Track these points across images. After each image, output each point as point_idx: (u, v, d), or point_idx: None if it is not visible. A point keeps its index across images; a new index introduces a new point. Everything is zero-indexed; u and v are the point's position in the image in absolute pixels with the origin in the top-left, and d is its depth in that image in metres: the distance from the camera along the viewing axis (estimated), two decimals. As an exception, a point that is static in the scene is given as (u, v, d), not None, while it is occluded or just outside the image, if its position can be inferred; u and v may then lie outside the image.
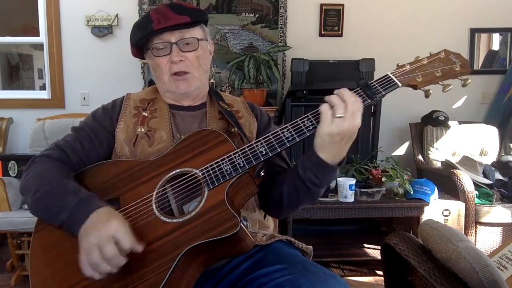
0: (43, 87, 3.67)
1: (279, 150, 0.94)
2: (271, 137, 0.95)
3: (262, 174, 0.98)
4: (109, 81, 3.25)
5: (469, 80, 0.97)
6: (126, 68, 3.26)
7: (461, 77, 0.98)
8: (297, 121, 0.95)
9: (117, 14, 3.21)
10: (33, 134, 2.89)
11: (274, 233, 1.14)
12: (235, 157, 0.95)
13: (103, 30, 3.22)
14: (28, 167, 1.06)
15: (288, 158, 1.19)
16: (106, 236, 0.85)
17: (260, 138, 0.96)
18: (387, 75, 0.97)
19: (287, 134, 0.94)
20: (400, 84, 0.96)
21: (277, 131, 0.95)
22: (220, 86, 3.21)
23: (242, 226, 0.88)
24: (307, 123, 0.94)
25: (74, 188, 0.97)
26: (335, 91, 0.92)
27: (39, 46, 3.50)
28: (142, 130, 1.12)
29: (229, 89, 3.11)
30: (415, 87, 0.97)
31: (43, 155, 1.08)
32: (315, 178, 0.97)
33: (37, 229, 1.01)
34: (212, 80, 3.17)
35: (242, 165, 0.94)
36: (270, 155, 0.94)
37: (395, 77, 0.96)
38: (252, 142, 0.96)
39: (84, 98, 3.29)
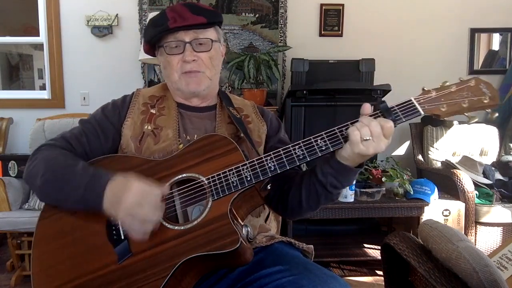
0: (43, 87, 3.67)
1: (288, 168, 0.93)
2: (282, 153, 0.93)
3: (269, 188, 0.97)
4: (109, 81, 3.25)
5: (497, 114, 0.93)
6: (126, 68, 3.26)
7: (488, 110, 0.91)
8: (310, 139, 0.93)
9: (117, 14, 3.21)
10: (33, 134, 2.89)
11: (275, 234, 1.14)
12: (243, 169, 0.94)
13: (103, 30, 3.22)
14: (33, 154, 1.06)
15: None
16: (132, 204, 0.88)
17: (271, 153, 0.94)
18: (411, 101, 0.91)
19: (298, 152, 0.92)
20: (422, 113, 0.91)
21: (289, 148, 0.93)
22: (220, 86, 3.20)
23: (243, 241, 0.87)
24: (320, 143, 0.92)
25: (82, 167, 0.98)
26: (363, 111, 0.90)
27: (39, 46, 3.50)
28: (149, 127, 1.12)
29: (229, 89, 3.11)
30: (438, 116, 0.91)
31: (48, 144, 1.08)
32: (336, 182, 0.97)
33: (43, 216, 1.01)
34: (212, 80, 3.17)
35: (249, 178, 0.93)
36: (279, 171, 0.93)
37: (419, 104, 0.91)
38: (262, 156, 0.95)
39: (84, 98, 3.29)
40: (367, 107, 0.91)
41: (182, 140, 1.11)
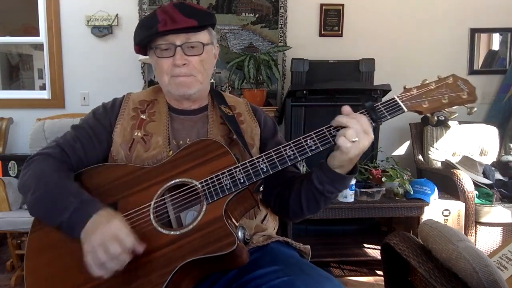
0: (43, 87, 3.67)
1: (280, 168, 0.94)
2: (273, 154, 0.94)
3: (261, 189, 0.99)
4: (109, 81, 3.25)
5: (475, 109, 0.95)
6: (126, 68, 3.26)
7: (467, 105, 0.96)
8: (300, 140, 0.94)
9: (117, 14, 3.21)
10: (33, 134, 2.89)
11: (272, 233, 1.14)
12: (235, 172, 0.94)
13: (103, 30, 3.22)
14: (27, 164, 1.05)
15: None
16: (109, 236, 0.85)
17: (262, 154, 0.95)
18: (394, 99, 0.95)
19: (289, 152, 0.93)
20: (406, 110, 0.95)
21: (279, 148, 0.94)
22: (220, 86, 3.21)
23: (239, 243, 0.87)
24: (310, 142, 0.93)
25: (75, 190, 0.96)
26: (343, 113, 0.92)
27: (39, 46, 3.50)
28: (139, 134, 1.10)
29: (229, 89, 3.11)
30: (420, 113, 0.96)
31: (43, 153, 1.06)
32: (333, 188, 0.99)
33: (34, 229, 1.00)
34: (212, 80, 3.17)
35: (242, 180, 0.93)
36: (271, 172, 0.94)
37: (402, 102, 0.95)
38: (254, 158, 0.95)
39: (84, 98, 3.29)
40: (347, 109, 0.93)
41: (172, 147, 1.10)
